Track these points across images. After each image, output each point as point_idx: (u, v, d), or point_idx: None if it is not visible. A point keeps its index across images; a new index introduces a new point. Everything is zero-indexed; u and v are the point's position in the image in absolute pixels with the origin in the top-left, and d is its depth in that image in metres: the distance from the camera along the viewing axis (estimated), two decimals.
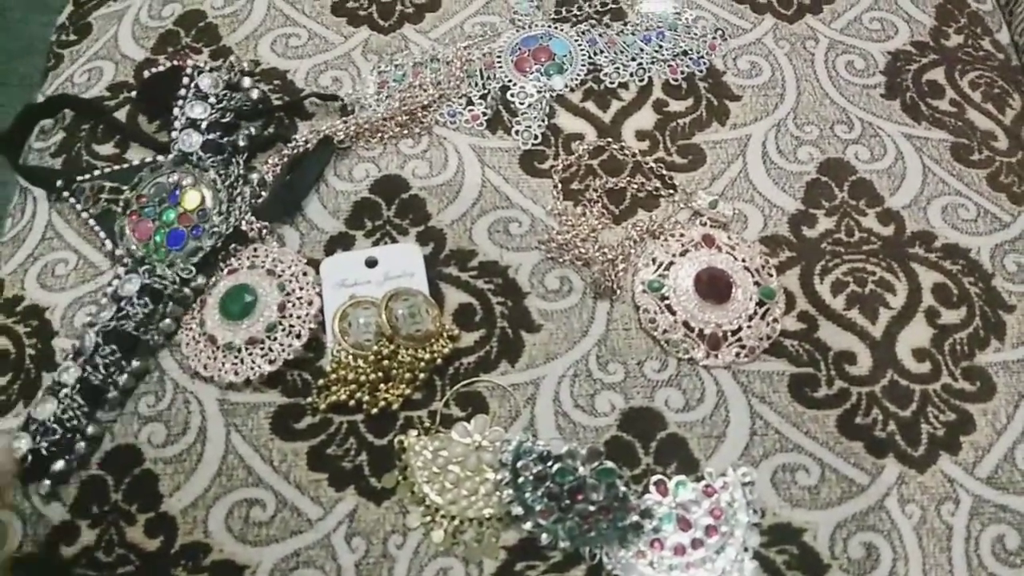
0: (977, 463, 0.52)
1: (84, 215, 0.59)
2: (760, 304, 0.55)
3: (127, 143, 0.64)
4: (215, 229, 0.56)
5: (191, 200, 0.57)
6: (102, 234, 0.59)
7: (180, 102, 0.60)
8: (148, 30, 0.71)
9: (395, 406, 0.52)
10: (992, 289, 0.58)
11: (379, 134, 0.63)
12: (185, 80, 0.61)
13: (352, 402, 0.52)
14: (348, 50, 0.68)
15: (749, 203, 0.60)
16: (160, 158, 0.60)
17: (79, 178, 0.61)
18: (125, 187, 0.60)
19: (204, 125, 0.59)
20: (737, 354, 0.54)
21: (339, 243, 0.59)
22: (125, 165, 0.61)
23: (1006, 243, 0.60)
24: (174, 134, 0.60)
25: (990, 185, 0.62)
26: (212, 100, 0.60)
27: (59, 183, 0.61)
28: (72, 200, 0.60)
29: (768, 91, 0.65)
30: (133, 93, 0.66)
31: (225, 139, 0.60)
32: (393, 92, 0.64)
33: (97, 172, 0.61)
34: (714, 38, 0.67)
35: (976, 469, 0.51)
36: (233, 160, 0.59)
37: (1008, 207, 0.62)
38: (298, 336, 0.53)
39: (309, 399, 0.53)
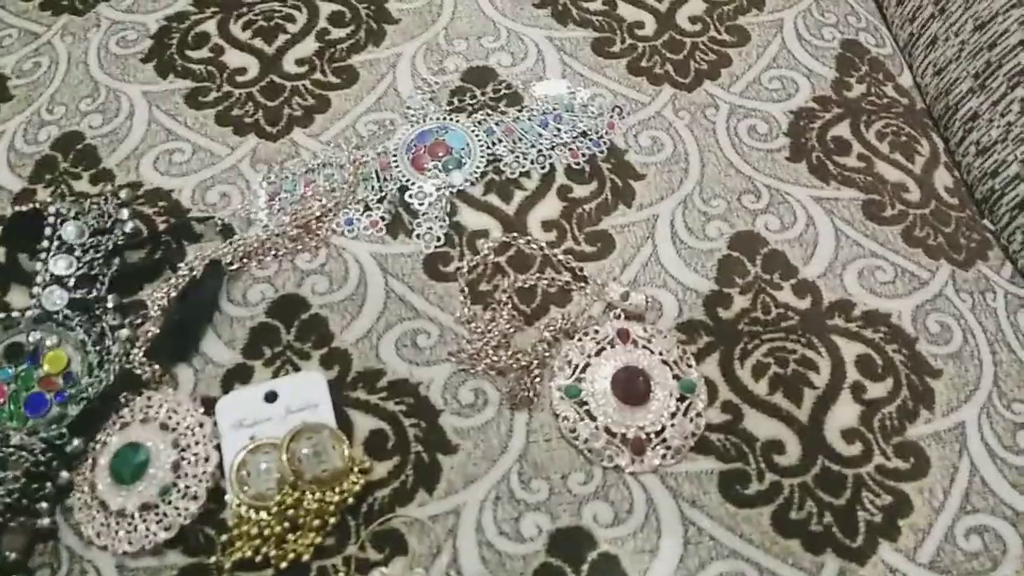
0: (918, 547, 0.50)
1: None
2: (682, 399, 0.53)
3: (7, 285, 0.60)
4: (83, 395, 0.52)
5: (55, 362, 0.53)
6: None
7: (43, 255, 0.56)
8: (24, 156, 0.67)
9: (306, 557, 0.49)
10: (917, 355, 0.56)
11: (272, 251, 0.59)
12: (48, 230, 0.57)
13: (259, 558, 0.49)
14: (236, 161, 0.64)
15: (662, 288, 0.58)
16: (15, 314, 0.56)
17: None
18: None
19: (70, 282, 0.56)
20: (663, 456, 0.52)
21: (237, 376, 0.55)
22: None
23: (927, 302, 0.59)
24: (35, 290, 0.56)
25: (905, 241, 0.61)
26: (78, 253, 0.57)
27: None
28: None
29: (672, 166, 0.63)
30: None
31: (93, 294, 0.56)
32: (285, 204, 0.61)
33: None
34: (612, 116, 0.65)
35: (918, 554, 0.50)
36: (101, 316, 0.55)
37: (925, 262, 0.60)
38: (195, 498, 0.50)
39: (214, 558, 0.49)
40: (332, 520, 0.50)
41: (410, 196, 0.62)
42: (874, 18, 0.78)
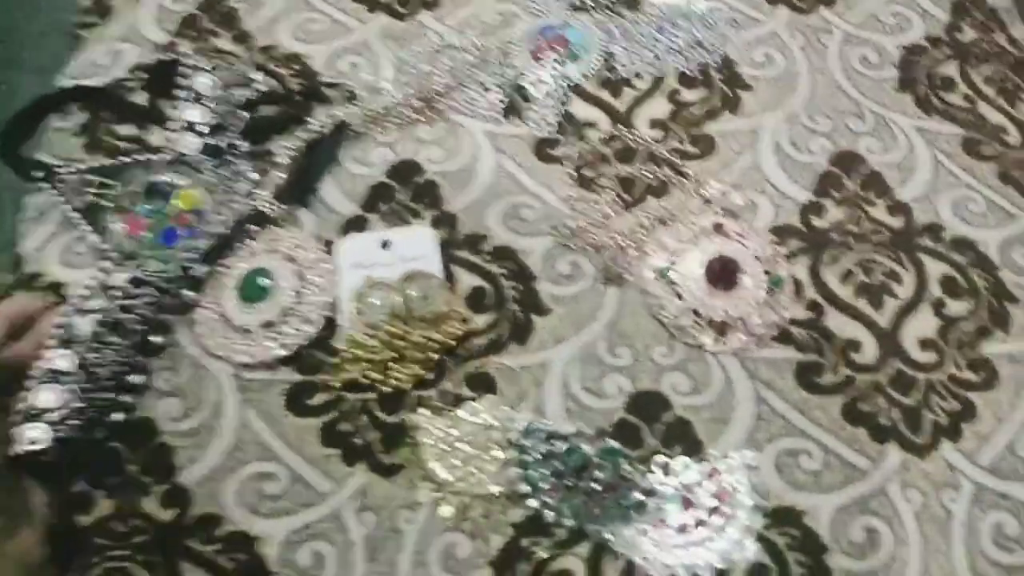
0: (978, 451, 0.52)
1: (65, 207, 0.59)
2: (769, 292, 0.56)
3: (148, 125, 0.65)
4: (212, 230, 0.58)
5: (187, 200, 0.58)
6: (86, 227, 0.58)
7: (177, 103, 0.61)
8: (170, 13, 0.72)
9: (407, 386, 0.54)
10: (999, 281, 0.58)
11: (395, 120, 0.64)
12: (182, 80, 0.62)
13: (365, 381, 0.54)
14: (366, 36, 0.69)
15: (760, 193, 0.61)
16: (152, 156, 0.60)
17: (61, 170, 0.60)
18: (115, 182, 0.59)
19: (203, 129, 0.61)
20: (744, 340, 0.55)
21: (354, 225, 0.60)
22: (114, 161, 0.60)
23: (1014, 237, 0.60)
24: (169, 134, 0.61)
25: (1000, 179, 0.63)
26: (212, 104, 0.61)
27: (38, 174, 0.60)
28: (54, 191, 0.59)
29: (781, 83, 0.66)
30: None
31: (223, 142, 0.61)
32: (410, 79, 0.65)
33: (82, 166, 0.60)
34: (727, 29, 0.68)
35: (978, 456, 0.52)
36: (232, 160, 0.60)
37: (1018, 201, 0.62)
38: (311, 322, 0.54)
39: (323, 377, 0.54)
40: (434, 357, 0.54)
41: (527, 84, 0.65)
42: None
